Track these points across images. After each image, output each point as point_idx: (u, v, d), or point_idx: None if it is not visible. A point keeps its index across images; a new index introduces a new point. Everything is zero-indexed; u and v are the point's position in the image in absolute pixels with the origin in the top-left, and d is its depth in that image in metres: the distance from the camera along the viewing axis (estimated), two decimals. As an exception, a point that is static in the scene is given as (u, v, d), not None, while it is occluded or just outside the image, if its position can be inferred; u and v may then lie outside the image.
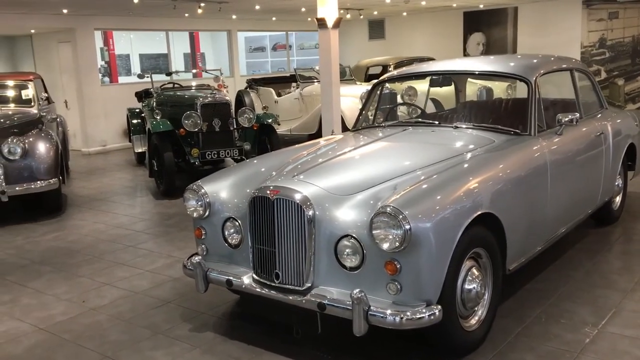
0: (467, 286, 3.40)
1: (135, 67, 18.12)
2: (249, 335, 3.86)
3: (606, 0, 12.74)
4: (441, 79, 5.15)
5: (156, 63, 17.68)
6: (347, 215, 3.35)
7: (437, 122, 4.71)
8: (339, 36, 8.24)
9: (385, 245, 3.10)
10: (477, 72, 4.95)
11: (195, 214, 3.97)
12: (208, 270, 3.83)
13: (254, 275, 3.67)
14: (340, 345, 3.67)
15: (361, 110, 5.37)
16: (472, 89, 6.06)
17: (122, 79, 16.75)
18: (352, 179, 3.66)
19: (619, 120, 5.60)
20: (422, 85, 8.34)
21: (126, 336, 3.97)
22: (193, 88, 10.17)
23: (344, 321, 3.20)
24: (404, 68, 5.82)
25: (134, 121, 10.51)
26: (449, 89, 6.10)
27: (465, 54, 14.74)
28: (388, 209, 3.11)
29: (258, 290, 3.60)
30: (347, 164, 4.00)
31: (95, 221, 7.02)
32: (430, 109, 5.75)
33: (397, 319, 3.07)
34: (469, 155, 3.89)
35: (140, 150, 10.40)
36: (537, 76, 4.49)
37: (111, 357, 3.69)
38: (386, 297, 3.17)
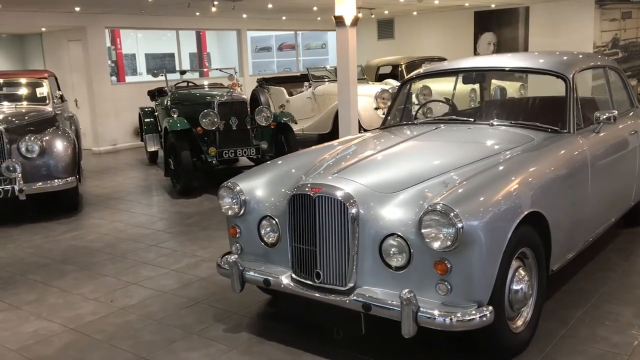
0: (514, 287, 3.32)
1: (141, 66, 18.02)
2: (286, 336, 3.78)
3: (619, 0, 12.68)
4: (474, 75, 5.06)
5: (162, 63, 17.56)
6: (393, 213, 3.26)
7: (472, 120, 4.62)
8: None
9: (436, 245, 3.02)
10: (513, 69, 4.85)
11: (230, 212, 3.88)
12: (244, 269, 3.75)
13: (293, 275, 3.58)
14: (383, 346, 3.59)
15: (389, 108, 5.28)
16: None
17: (128, 79, 16.65)
18: (394, 176, 3.57)
19: (649, 119, 5.51)
20: (435, 85, 8.26)
21: (159, 336, 3.89)
22: (207, 87, 10.09)
23: (386, 321, 3.12)
24: (432, 65, 5.74)
25: (147, 120, 10.41)
26: (464, 89, 5.99)
27: (476, 54, 14.64)
28: (438, 206, 3.03)
29: (298, 290, 3.51)
30: (386, 161, 3.90)
31: (113, 220, 6.94)
32: (446, 108, 5.64)
33: (447, 320, 2.99)
34: (511, 153, 3.79)
35: (153, 149, 10.31)
36: (574, 73, 4.41)
37: (147, 358, 3.61)
38: (434, 297, 3.09)
